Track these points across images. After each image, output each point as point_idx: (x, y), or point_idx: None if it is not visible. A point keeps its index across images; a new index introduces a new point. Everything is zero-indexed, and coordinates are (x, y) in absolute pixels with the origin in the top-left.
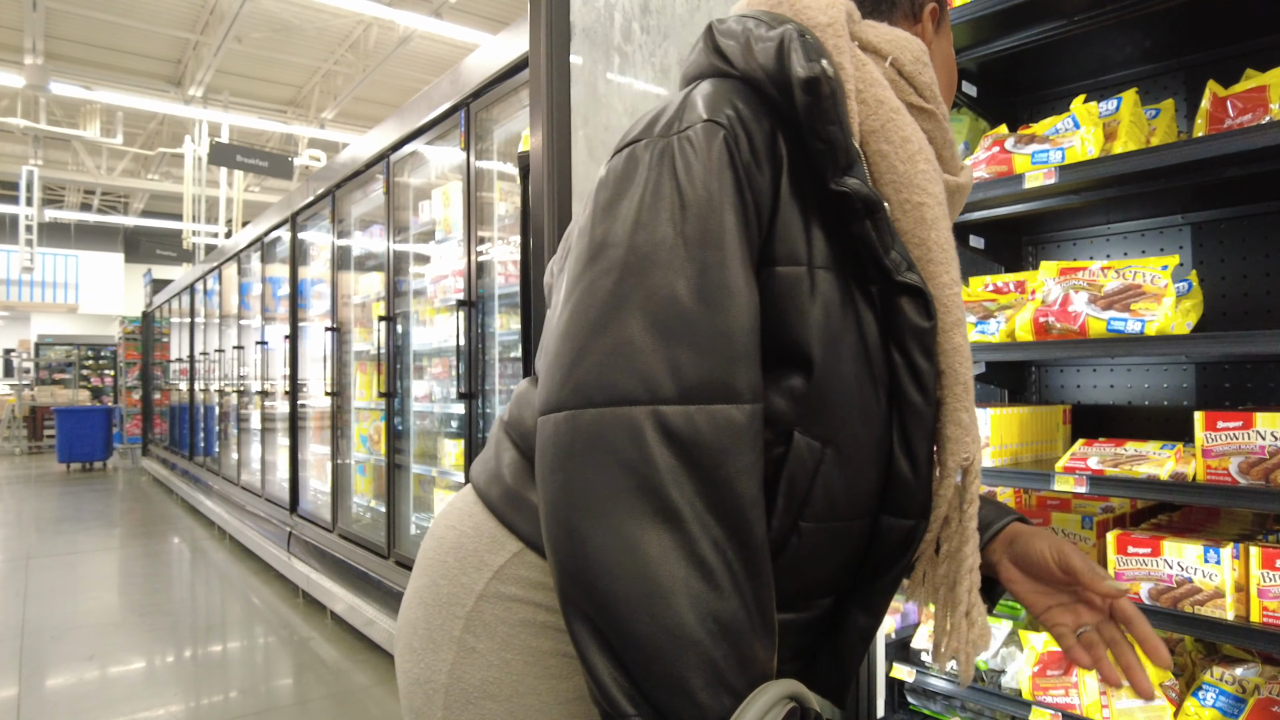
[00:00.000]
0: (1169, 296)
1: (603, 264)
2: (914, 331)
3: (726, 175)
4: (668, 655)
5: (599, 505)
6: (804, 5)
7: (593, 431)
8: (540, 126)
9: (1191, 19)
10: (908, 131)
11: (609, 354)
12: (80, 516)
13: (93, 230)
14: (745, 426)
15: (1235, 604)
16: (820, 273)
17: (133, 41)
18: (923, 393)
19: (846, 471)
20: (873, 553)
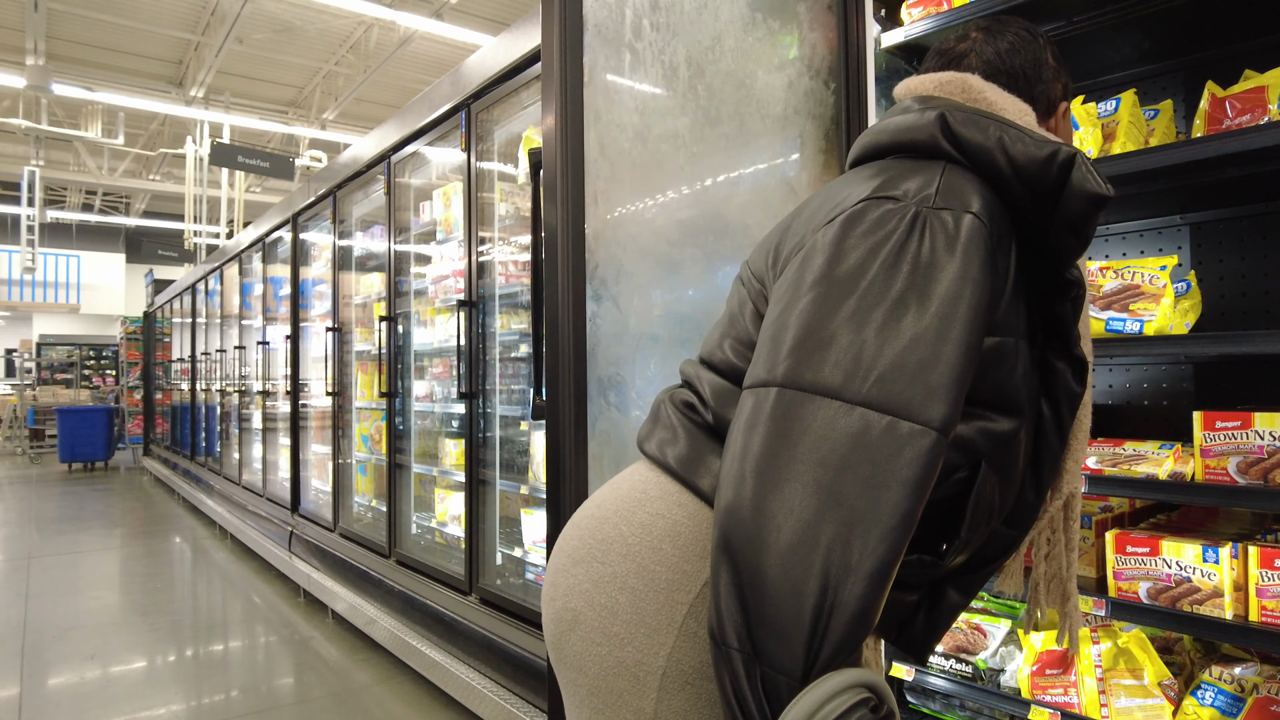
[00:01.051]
0: (1168, 296)
1: (840, 283)
2: (1069, 394)
3: (976, 257)
4: (784, 605)
5: (778, 465)
6: (999, 107)
7: (792, 405)
8: (554, 123)
9: (1190, 19)
10: None
11: (836, 354)
12: (82, 516)
13: (94, 231)
14: (927, 450)
15: (1234, 603)
16: (1022, 341)
17: (134, 42)
18: (1061, 440)
19: (1002, 495)
20: (984, 551)
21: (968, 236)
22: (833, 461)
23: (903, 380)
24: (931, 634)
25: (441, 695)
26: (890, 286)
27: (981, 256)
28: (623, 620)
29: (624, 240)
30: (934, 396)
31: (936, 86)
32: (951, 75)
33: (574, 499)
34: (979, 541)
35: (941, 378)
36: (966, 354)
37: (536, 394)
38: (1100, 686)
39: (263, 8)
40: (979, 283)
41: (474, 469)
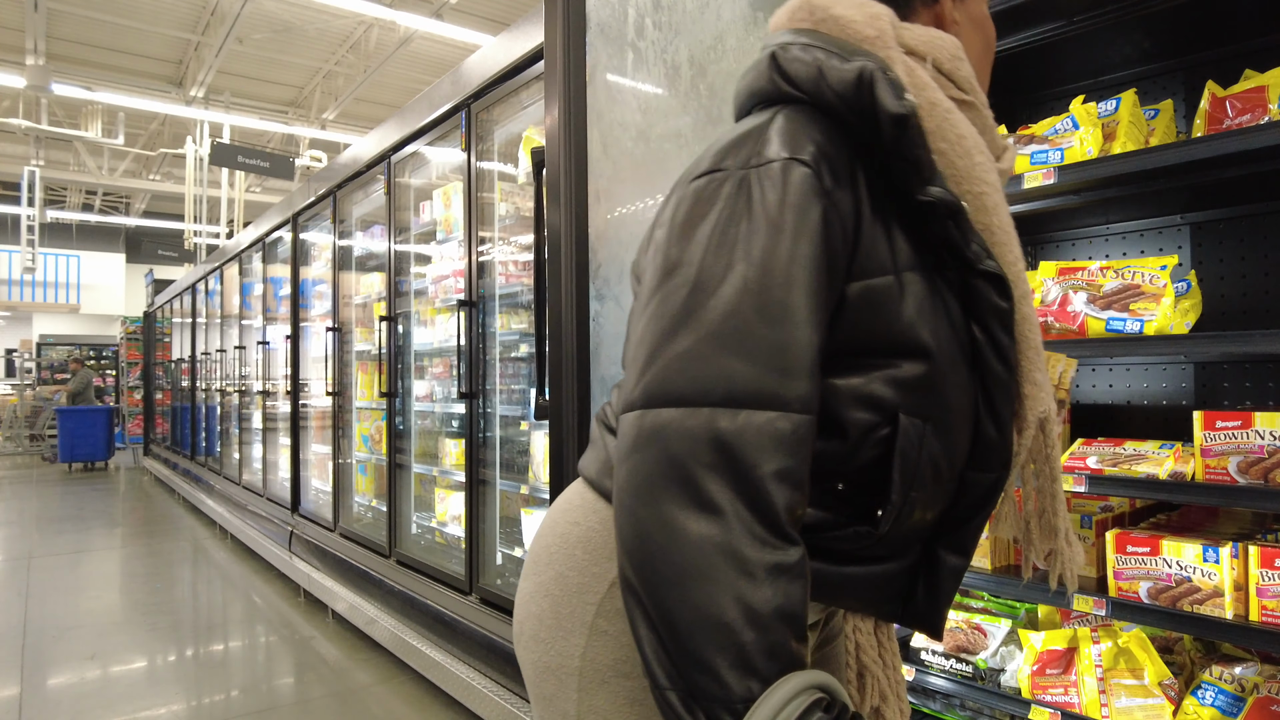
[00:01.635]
0: (1168, 296)
1: (676, 281)
2: (994, 311)
3: (808, 207)
4: (699, 636)
5: (651, 493)
6: (849, 20)
7: (654, 429)
8: (556, 121)
9: (1191, 19)
10: (962, 129)
11: (674, 361)
12: (82, 516)
13: (94, 231)
14: (789, 434)
15: (1234, 603)
16: (907, 274)
17: (134, 42)
18: (1004, 363)
19: (945, 442)
20: (961, 503)
21: (785, 186)
22: (698, 471)
23: (751, 371)
24: (936, 603)
25: (442, 695)
26: (725, 274)
27: (814, 206)
28: (546, 625)
29: (626, 239)
30: (790, 377)
31: (788, 18)
32: (799, 1)
33: None
34: (937, 498)
35: (792, 357)
36: (813, 320)
37: (539, 394)
38: (1101, 686)
39: (263, 8)
40: (815, 238)
41: (474, 469)
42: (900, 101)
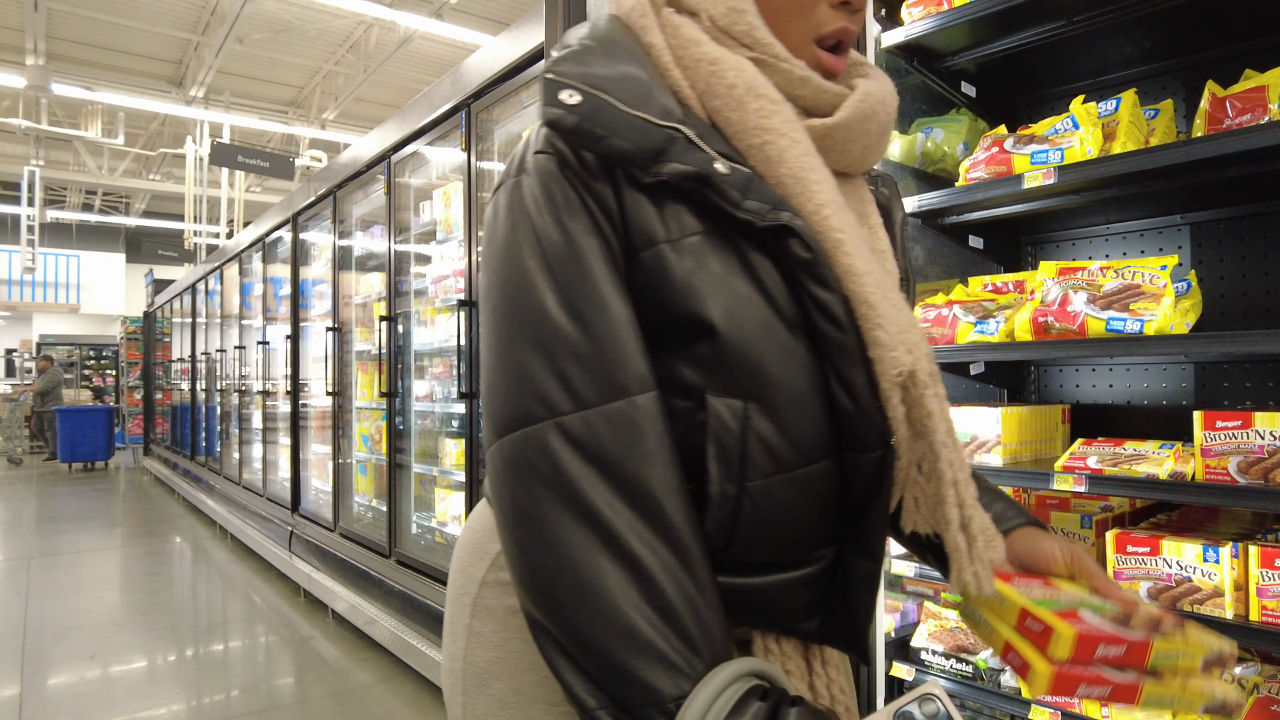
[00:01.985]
0: (1168, 296)
1: (490, 305)
2: (800, 265)
3: (566, 197)
4: (614, 648)
5: (529, 519)
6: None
7: (513, 456)
8: None
9: (1191, 19)
10: (730, 78)
11: (510, 384)
12: (82, 516)
13: (94, 230)
14: (642, 417)
15: (1234, 603)
16: (689, 241)
17: (134, 42)
18: (833, 322)
19: (778, 420)
20: (850, 493)
21: (541, 181)
22: (564, 487)
23: (580, 370)
24: (852, 617)
25: (442, 695)
26: (521, 281)
27: (566, 189)
28: (446, 628)
29: None
30: (615, 364)
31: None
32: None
33: None
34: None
35: (612, 340)
36: (617, 294)
37: None
38: None
39: (263, 7)
40: (581, 217)
41: (474, 469)
42: (544, 109)
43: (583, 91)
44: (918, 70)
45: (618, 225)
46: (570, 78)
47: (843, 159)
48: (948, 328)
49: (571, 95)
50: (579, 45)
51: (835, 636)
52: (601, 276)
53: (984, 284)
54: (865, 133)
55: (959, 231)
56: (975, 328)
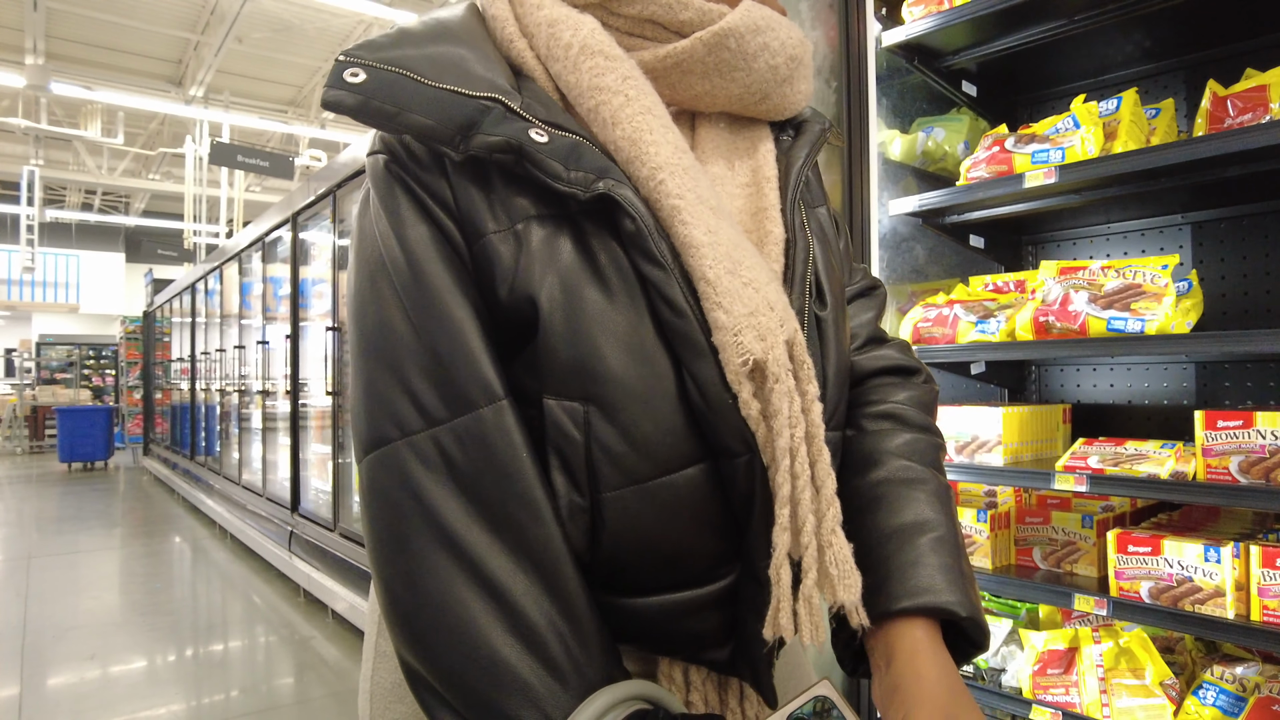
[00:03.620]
0: (1169, 296)
1: (349, 318)
2: (628, 239)
3: (398, 197)
4: (480, 684)
5: (387, 548)
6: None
7: (370, 478)
8: None
9: (1192, 18)
10: (566, 37)
11: (367, 403)
12: (81, 516)
13: (94, 230)
14: (490, 430)
15: (1236, 603)
16: (518, 228)
17: (133, 41)
18: (669, 305)
19: (620, 424)
20: (734, 503)
21: (378, 182)
22: (419, 511)
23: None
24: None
25: None
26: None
27: (399, 189)
28: (364, 650)
29: None
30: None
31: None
32: None
33: None
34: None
35: (452, 350)
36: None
37: None
38: (1102, 686)
39: (262, 7)
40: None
41: None
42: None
43: (368, 68)
44: (918, 69)
45: (457, 218)
46: (359, 57)
47: (725, 91)
48: (949, 327)
49: (355, 74)
50: (396, 31)
51: (741, 668)
52: (440, 282)
53: (985, 283)
54: (748, 55)
55: (960, 231)
56: (976, 327)
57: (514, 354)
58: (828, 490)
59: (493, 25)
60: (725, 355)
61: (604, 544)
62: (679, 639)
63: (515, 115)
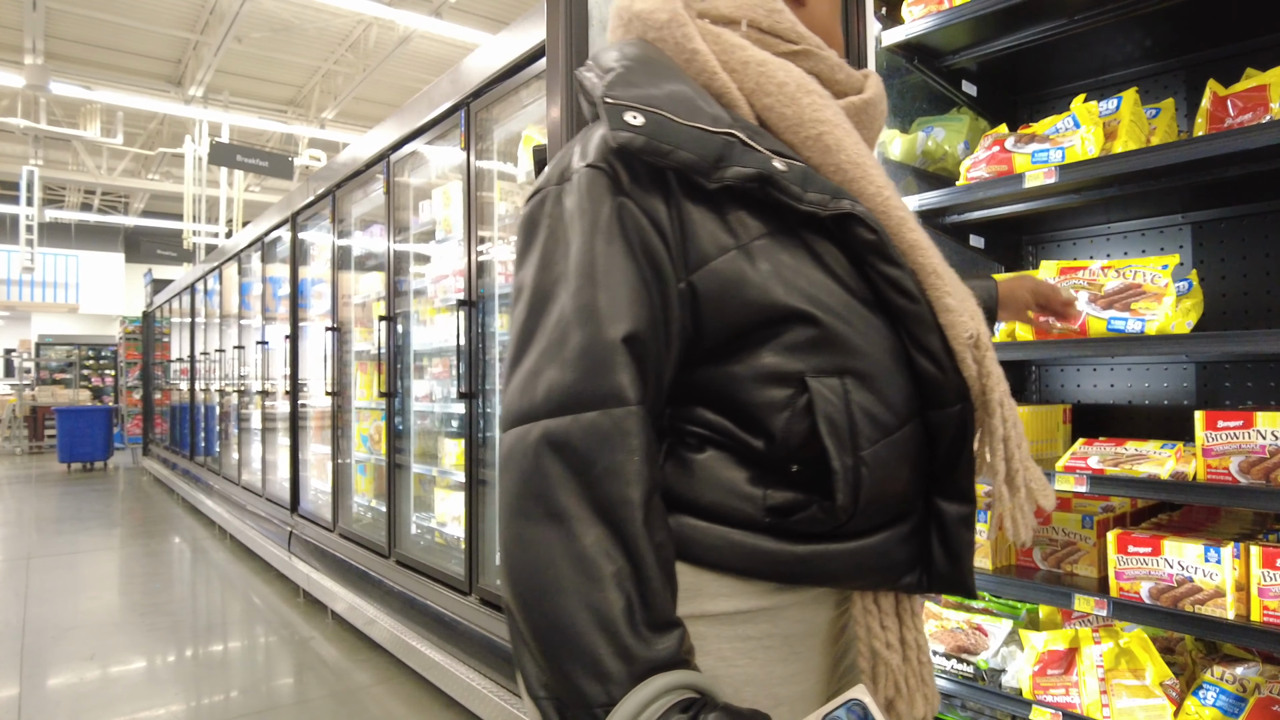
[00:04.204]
0: (1169, 296)
1: (520, 306)
2: (867, 246)
3: (605, 208)
4: (556, 646)
5: (511, 513)
6: (644, 12)
7: (508, 447)
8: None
9: (1192, 18)
10: (780, 76)
11: (518, 383)
12: (81, 516)
13: (93, 230)
14: (612, 430)
15: (1236, 603)
16: (759, 243)
17: (133, 41)
18: (906, 295)
19: (874, 390)
20: (938, 445)
21: (585, 193)
22: (541, 484)
23: (569, 373)
24: (956, 561)
25: (441, 695)
26: (545, 292)
27: (608, 203)
28: None
29: None
30: (601, 374)
31: (612, 28)
32: (613, 8)
33: None
34: (898, 449)
35: (605, 351)
36: (631, 313)
37: None
38: (1102, 687)
39: (262, 6)
40: (616, 234)
41: (474, 469)
42: (616, 133)
43: (644, 111)
44: (918, 69)
45: (671, 239)
46: (629, 100)
47: (868, 136)
48: None
49: (635, 116)
50: (621, 68)
51: (941, 583)
52: (616, 292)
53: None
54: (881, 111)
55: (960, 231)
56: None
57: (762, 344)
58: (1019, 429)
59: (692, 60)
60: (954, 331)
61: (863, 495)
62: (887, 570)
63: (752, 148)
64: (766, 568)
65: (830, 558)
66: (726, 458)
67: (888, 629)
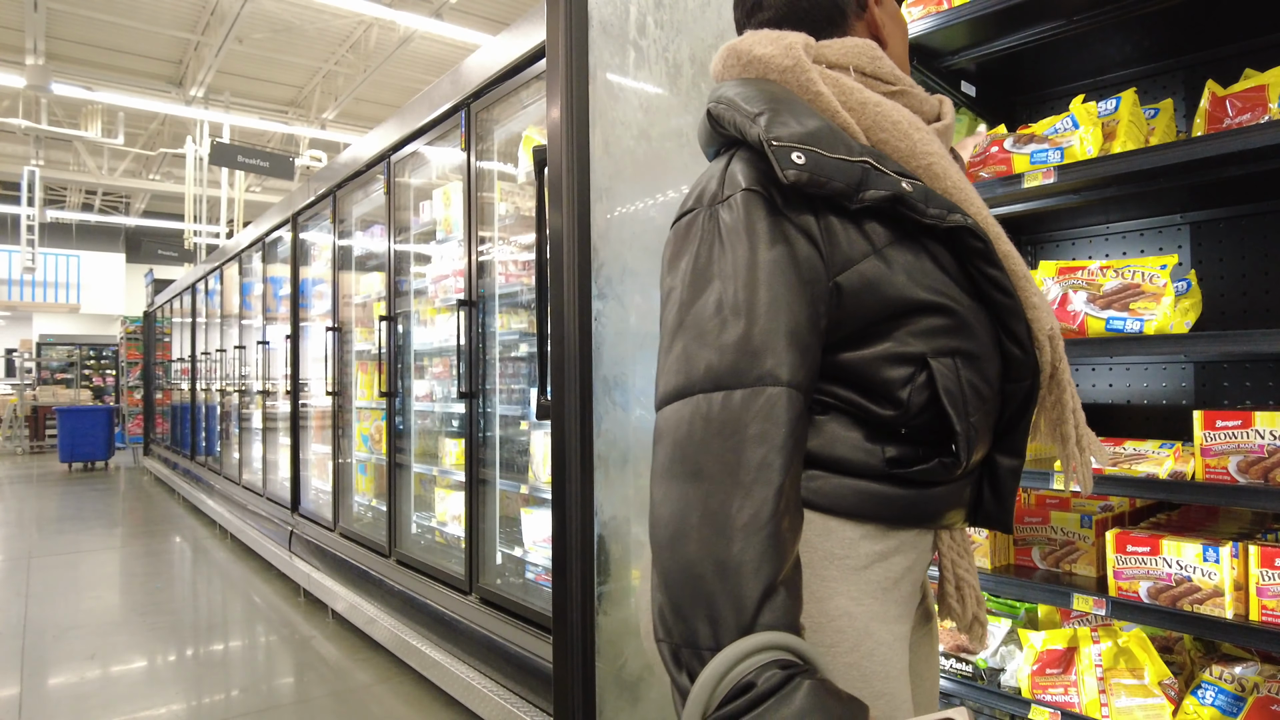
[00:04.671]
0: (1168, 296)
1: (671, 305)
2: (976, 253)
3: (763, 224)
4: (680, 589)
5: (662, 475)
6: (766, 57)
7: (663, 419)
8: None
9: (1191, 19)
10: (895, 115)
11: (671, 364)
12: (82, 516)
13: (94, 230)
14: (763, 405)
15: (1234, 603)
16: (889, 249)
17: (134, 42)
18: (1003, 292)
19: (978, 369)
20: (1005, 412)
21: (744, 211)
22: (689, 448)
23: (726, 356)
24: (1003, 504)
25: (442, 695)
26: (701, 288)
27: (766, 219)
28: None
29: (628, 238)
30: (759, 356)
31: (722, 66)
32: (727, 49)
33: (579, 499)
34: (988, 417)
35: (763, 337)
36: (785, 305)
37: (541, 393)
38: (1100, 686)
39: (263, 7)
40: (773, 246)
41: (474, 468)
42: (786, 172)
43: (805, 152)
44: (917, 70)
45: (822, 247)
46: (788, 140)
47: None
48: None
49: (799, 156)
50: (768, 110)
51: (986, 520)
52: (777, 290)
53: None
54: (953, 130)
55: None
56: None
57: (896, 330)
58: (1079, 403)
59: (816, 100)
60: (1037, 325)
61: (972, 453)
62: (952, 510)
63: (883, 172)
64: (883, 509)
65: (929, 500)
66: (846, 420)
67: (965, 557)
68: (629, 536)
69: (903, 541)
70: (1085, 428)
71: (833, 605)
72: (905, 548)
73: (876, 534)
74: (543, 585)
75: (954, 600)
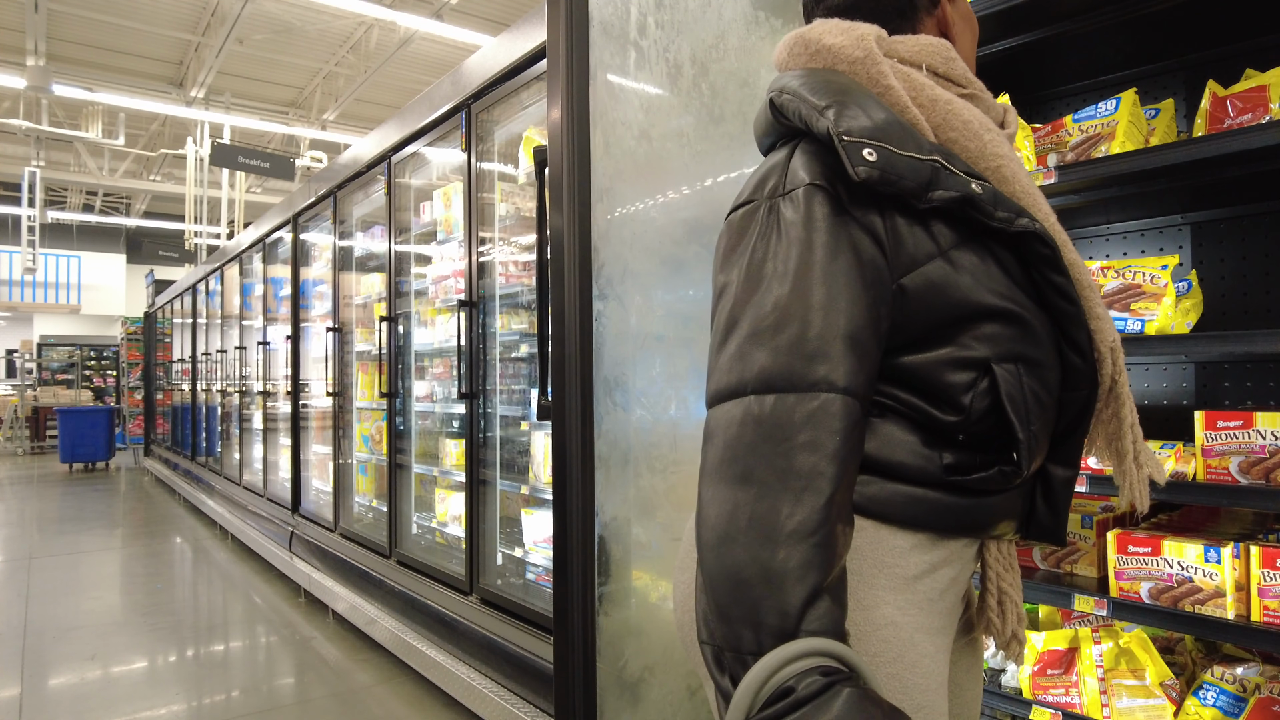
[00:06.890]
0: (1169, 296)
1: (724, 300)
2: (1042, 259)
3: (828, 222)
4: (725, 593)
5: (711, 475)
6: (839, 48)
7: (714, 419)
8: (559, 119)
9: (1191, 19)
10: (965, 115)
11: (724, 364)
12: (82, 516)
13: (95, 231)
14: (818, 409)
15: (1236, 603)
16: (954, 251)
17: (134, 43)
18: (1067, 300)
19: (1040, 376)
20: (1061, 421)
21: (807, 207)
22: (740, 450)
23: (780, 358)
24: (1057, 515)
25: (442, 695)
26: (758, 285)
27: (830, 217)
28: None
29: (629, 239)
30: (815, 361)
31: (788, 54)
32: (794, 37)
33: (580, 500)
34: (1047, 425)
35: (819, 341)
36: (847, 312)
37: (542, 394)
38: (1102, 686)
39: (263, 8)
40: (837, 245)
41: (474, 469)
42: (857, 169)
43: (876, 148)
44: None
45: (887, 248)
46: (859, 135)
47: None
48: None
49: (870, 153)
50: (835, 102)
51: (1039, 534)
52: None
53: None
54: (1015, 137)
55: None
56: None
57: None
58: (1136, 417)
59: (885, 94)
60: (1100, 336)
61: (1025, 463)
62: (1006, 520)
63: (953, 172)
64: (936, 518)
65: (984, 509)
66: (904, 423)
67: (1010, 571)
68: (630, 537)
69: (951, 552)
70: (1143, 444)
71: (879, 614)
72: (953, 559)
73: (927, 544)
74: (543, 586)
75: (994, 614)
